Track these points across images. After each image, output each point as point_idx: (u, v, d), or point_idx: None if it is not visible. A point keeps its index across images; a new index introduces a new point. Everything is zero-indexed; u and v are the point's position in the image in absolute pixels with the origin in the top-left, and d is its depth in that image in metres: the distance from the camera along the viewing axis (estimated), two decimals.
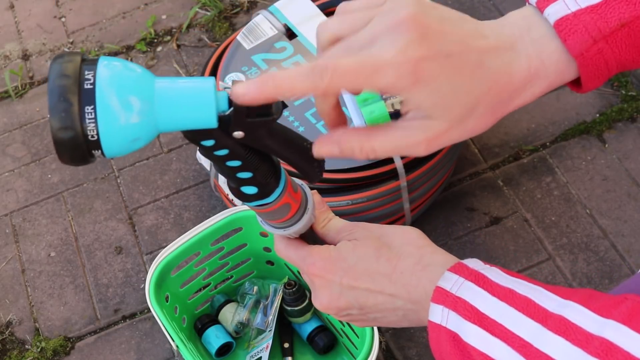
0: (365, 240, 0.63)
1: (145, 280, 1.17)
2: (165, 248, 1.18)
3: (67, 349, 1.35)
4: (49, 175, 1.57)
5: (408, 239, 0.63)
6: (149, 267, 1.28)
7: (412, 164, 1.24)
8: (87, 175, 1.56)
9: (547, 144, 1.50)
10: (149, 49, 1.75)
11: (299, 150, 0.56)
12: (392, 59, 0.50)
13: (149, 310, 1.36)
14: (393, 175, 1.23)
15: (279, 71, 0.51)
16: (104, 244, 1.46)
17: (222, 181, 1.34)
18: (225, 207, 1.45)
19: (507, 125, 1.54)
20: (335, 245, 0.65)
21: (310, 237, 0.67)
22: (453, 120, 0.53)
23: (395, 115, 1.19)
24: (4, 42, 1.82)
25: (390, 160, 1.22)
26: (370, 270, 0.61)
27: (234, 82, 0.51)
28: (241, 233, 1.25)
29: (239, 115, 0.50)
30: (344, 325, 1.21)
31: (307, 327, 1.27)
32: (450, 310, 0.56)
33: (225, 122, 0.51)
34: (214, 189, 1.43)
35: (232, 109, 0.50)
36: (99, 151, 0.47)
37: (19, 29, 1.84)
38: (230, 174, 0.56)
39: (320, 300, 0.64)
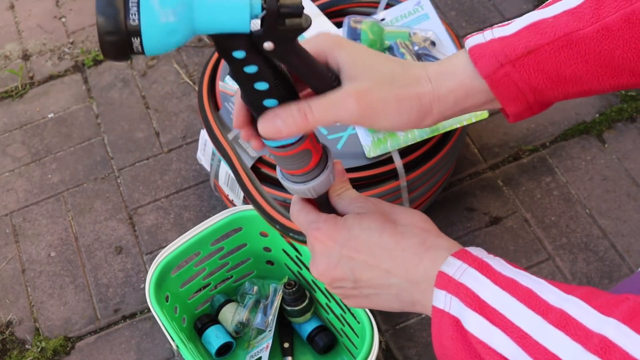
0: (372, 214, 0.64)
1: (145, 280, 1.17)
2: (165, 248, 1.19)
3: (67, 348, 1.35)
4: (49, 175, 1.57)
5: (415, 221, 0.63)
6: (149, 267, 1.28)
7: (412, 164, 1.24)
8: (87, 175, 1.56)
9: (547, 144, 1.50)
10: None
11: (322, 79, 0.60)
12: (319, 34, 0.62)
13: (149, 310, 1.36)
14: (393, 175, 1.23)
15: None
16: (104, 244, 1.46)
17: (222, 181, 1.34)
18: (225, 207, 1.45)
19: (506, 125, 1.54)
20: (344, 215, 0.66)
21: (325, 205, 0.68)
22: (375, 80, 0.60)
23: None
24: (4, 42, 1.82)
25: (390, 160, 1.22)
26: (371, 243, 0.62)
27: None
28: (241, 233, 1.25)
29: (271, 21, 0.53)
30: (343, 325, 1.21)
31: (307, 327, 1.27)
32: (453, 296, 0.56)
33: (257, 38, 0.54)
34: (214, 189, 1.43)
35: (264, 12, 0.53)
36: (138, 41, 0.50)
37: (19, 29, 1.84)
38: (257, 100, 0.58)
39: (317, 266, 0.64)
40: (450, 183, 1.47)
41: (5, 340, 1.37)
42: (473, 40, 0.63)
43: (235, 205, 1.32)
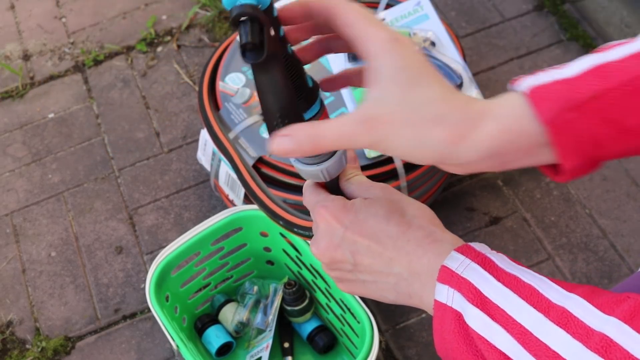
0: (380, 201, 0.63)
1: (145, 280, 1.17)
2: (166, 248, 1.19)
3: (68, 348, 1.35)
4: (50, 175, 1.57)
5: (422, 214, 0.63)
6: (149, 267, 1.28)
7: (412, 164, 1.24)
8: (87, 175, 1.56)
9: None
10: (149, 49, 1.75)
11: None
12: None
13: (149, 310, 1.36)
14: (393, 175, 1.23)
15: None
16: (104, 244, 1.46)
17: (223, 181, 1.35)
18: (225, 207, 1.45)
19: None
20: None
21: (334, 190, 0.68)
22: (390, 100, 0.53)
23: None
24: (4, 43, 1.83)
25: (390, 160, 1.22)
26: (376, 229, 0.61)
27: None
28: (241, 233, 1.25)
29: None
30: (343, 325, 1.21)
31: (307, 326, 1.27)
32: (455, 291, 0.56)
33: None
34: (214, 189, 1.43)
35: None
36: None
37: (19, 30, 1.85)
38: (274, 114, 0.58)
39: (318, 244, 0.64)
40: (450, 183, 1.47)
41: (6, 340, 1.37)
42: (528, 81, 0.54)
43: (235, 205, 1.32)
